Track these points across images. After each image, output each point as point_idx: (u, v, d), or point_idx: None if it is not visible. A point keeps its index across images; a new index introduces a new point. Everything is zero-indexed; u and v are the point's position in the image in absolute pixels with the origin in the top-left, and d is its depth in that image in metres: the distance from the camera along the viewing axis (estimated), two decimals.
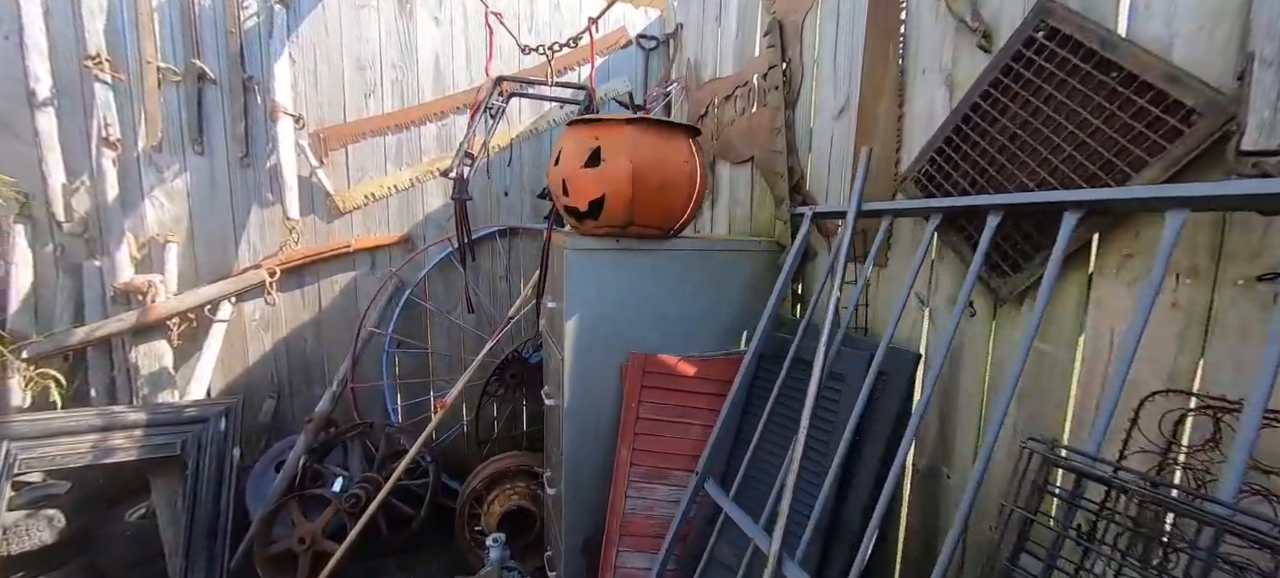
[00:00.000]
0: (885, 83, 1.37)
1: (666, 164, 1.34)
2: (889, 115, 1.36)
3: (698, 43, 2.40)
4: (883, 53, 1.37)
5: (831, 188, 1.58)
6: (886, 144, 1.36)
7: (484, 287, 2.57)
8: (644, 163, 1.30)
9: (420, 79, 2.40)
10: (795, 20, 1.71)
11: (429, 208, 2.47)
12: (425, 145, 2.44)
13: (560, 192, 1.40)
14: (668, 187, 1.35)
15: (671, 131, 1.38)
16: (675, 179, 1.36)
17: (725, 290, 1.65)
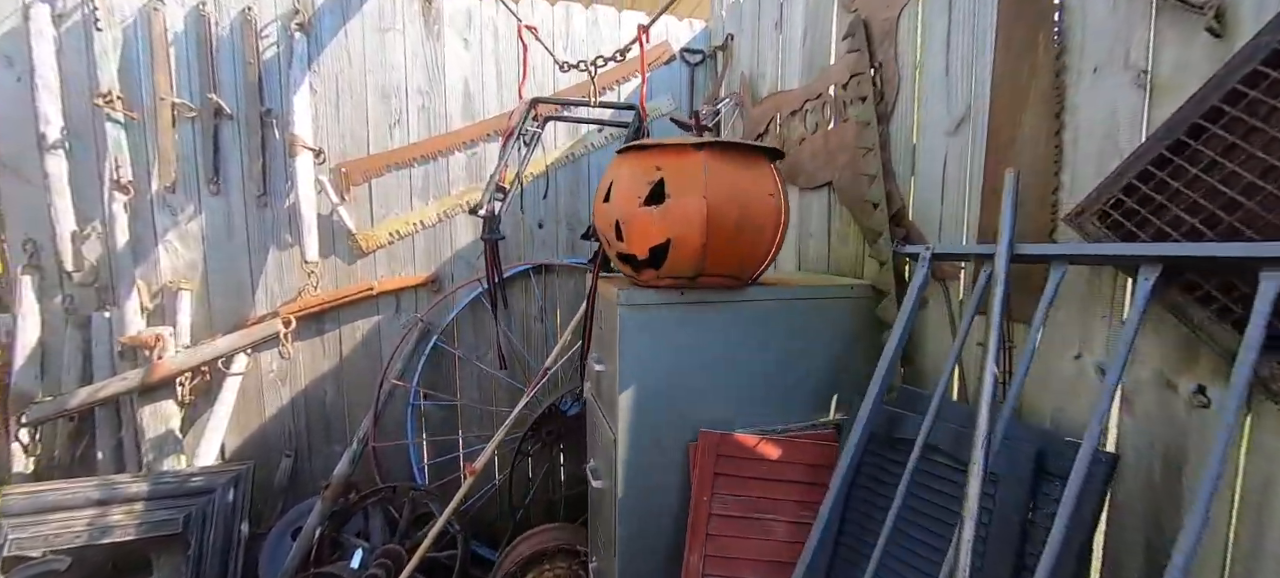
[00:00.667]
0: (1031, 86, 1.06)
1: (748, 198, 1.06)
2: (1038, 129, 1.04)
3: (753, 54, 2.13)
4: (1027, 47, 1.06)
5: (945, 219, 1.26)
6: (1037, 166, 1.04)
7: (516, 328, 2.33)
8: (721, 198, 1.02)
9: (448, 106, 2.20)
10: (886, 18, 1.41)
11: (458, 244, 2.25)
12: (454, 177, 2.23)
13: (612, 235, 1.13)
14: (749, 227, 1.06)
15: (753, 157, 1.10)
16: (758, 217, 1.07)
17: (809, 347, 1.34)
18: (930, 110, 1.29)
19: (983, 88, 1.16)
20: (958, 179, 1.23)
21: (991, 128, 1.14)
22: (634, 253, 1.09)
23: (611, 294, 1.21)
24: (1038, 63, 1.04)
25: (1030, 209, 1.05)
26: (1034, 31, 1.05)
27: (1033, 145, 1.05)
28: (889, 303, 1.32)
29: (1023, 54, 1.07)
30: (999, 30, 1.12)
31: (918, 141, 1.34)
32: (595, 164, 2.37)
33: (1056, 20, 1.01)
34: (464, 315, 2.26)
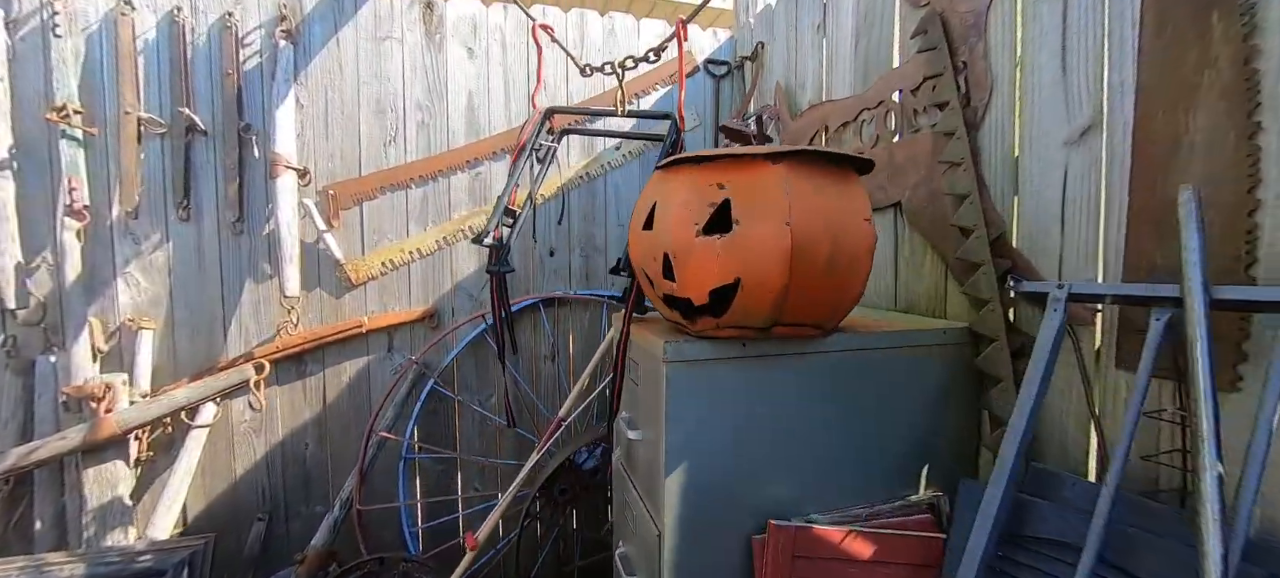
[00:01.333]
0: (1201, 79, 0.82)
1: (840, 225, 0.81)
2: (1219, 132, 0.80)
3: (788, 62, 1.92)
4: (1193, 31, 0.82)
5: (1067, 249, 1.01)
6: (1220, 181, 0.79)
7: (523, 369, 2.06)
8: (808, 225, 0.77)
9: (450, 121, 1.98)
10: (970, 11, 1.19)
11: (460, 275, 2.00)
12: (455, 199, 1.99)
13: (656, 271, 0.88)
14: (842, 261, 0.81)
15: (841, 172, 0.85)
16: (852, 248, 0.82)
17: (893, 407, 1.08)
18: (1039, 117, 1.06)
19: (1123, 88, 0.92)
20: (1084, 199, 0.98)
21: (1139, 135, 0.90)
22: (688, 296, 0.83)
23: (652, 346, 0.96)
24: (1212, 49, 0.81)
25: (1210, 235, 0.80)
26: (1204, 11, 0.82)
27: (1210, 154, 0.81)
28: (997, 353, 1.06)
29: (1186, 40, 0.83)
30: (1145, 14, 0.89)
31: (1022, 154, 1.09)
32: (613, 185, 2.14)
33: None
34: (465, 355, 1.99)
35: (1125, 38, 0.92)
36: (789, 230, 0.75)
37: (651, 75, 2.17)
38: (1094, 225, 0.97)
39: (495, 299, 1.31)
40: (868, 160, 0.87)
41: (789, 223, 0.75)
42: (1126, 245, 0.91)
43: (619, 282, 2.12)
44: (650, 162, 2.19)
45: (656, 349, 0.92)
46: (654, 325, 1.10)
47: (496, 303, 1.31)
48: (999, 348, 1.06)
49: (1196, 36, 0.82)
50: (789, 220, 0.75)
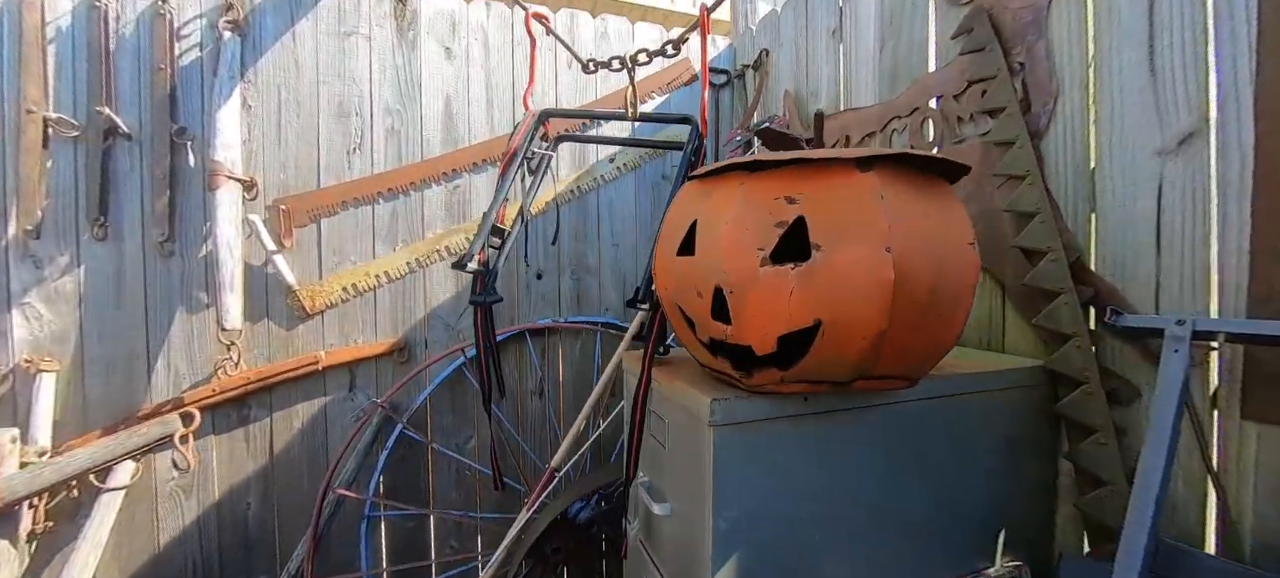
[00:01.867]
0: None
1: (942, 249, 0.63)
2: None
3: (798, 69, 1.78)
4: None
5: (1166, 275, 0.87)
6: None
7: (507, 408, 1.82)
8: (911, 252, 0.59)
9: (424, 128, 1.75)
10: (1026, 6, 1.06)
11: (434, 301, 1.76)
12: (430, 215, 1.76)
13: (701, 309, 0.68)
14: (945, 299, 0.63)
15: (935, 181, 0.68)
16: (957, 281, 0.64)
17: (964, 463, 0.91)
18: (1122, 123, 0.92)
19: (1237, 91, 0.79)
20: (1187, 218, 0.84)
21: (1265, 149, 0.76)
22: (749, 343, 0.64)
23: (690, 402, 0.76)
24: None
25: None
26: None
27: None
28: (1087, 399, 0.90)
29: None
30: (1264, 6, 0.76)
31: (1100, 165, 0.96)
32: (606, 200, 1.95)
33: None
34: (441, 394, 1.75)
35: (1239, 35, 0.78)
36: (890, 259, 0.57)
37: (647, 83, 2.00)
38: (1202, 249, 0.83)
39: (480, 335, 1.09)
40: (963, 165, 0.69)
41: (890, 248, 0.57)
42: (1252, 276, 0.77)
43: (615, 306, 1.91)
44: (648, 175, 2.01)
45: (698, 408, 0.72)
46: (681, 369, 0.90)
47: (482, 339, 1.09)
48: (1090, 393, 0.90)
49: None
50: (889, 245, 0.57)
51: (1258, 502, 0.78)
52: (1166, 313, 0.84)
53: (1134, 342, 0.88)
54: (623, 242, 1.97)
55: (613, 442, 1.91)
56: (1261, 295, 0.76)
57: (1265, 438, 0.77)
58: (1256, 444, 0.78)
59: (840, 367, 0.63)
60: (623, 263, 1.97)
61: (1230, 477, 0.80)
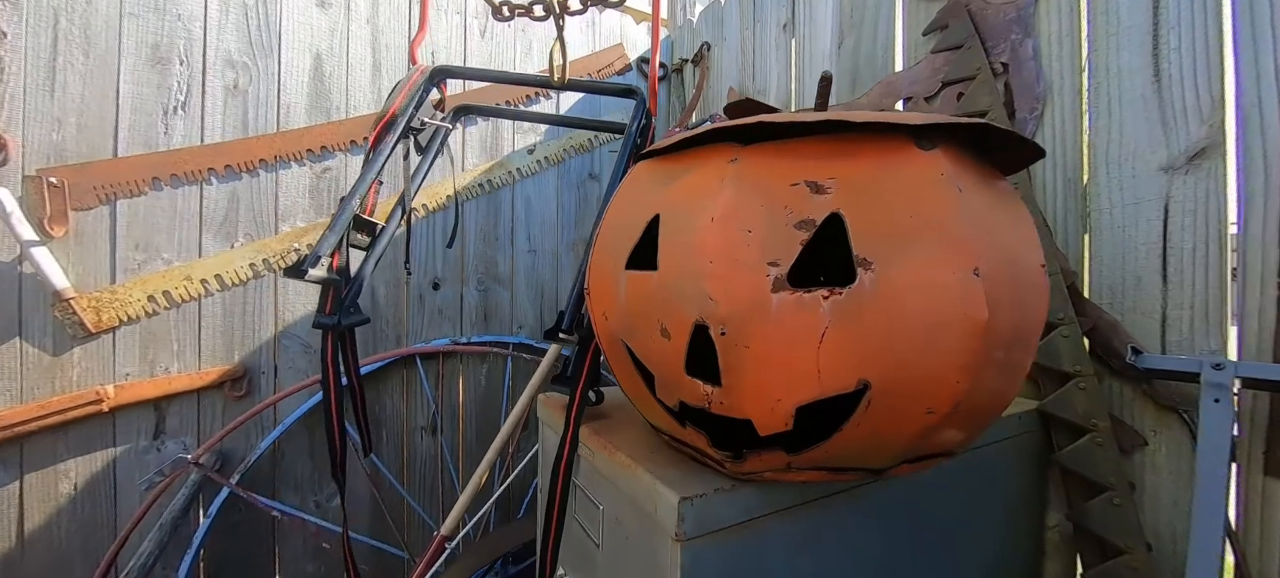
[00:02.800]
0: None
1: (1023, 273, 0.43)
2: None
3: (744, 64, 1.62)
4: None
5: (1173, 306, 0.76)
6: None
7: (391, 451, 1.45)
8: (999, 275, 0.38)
9: (285, 92, 1.35)
10: (1011, 2, 0.94)
11: (289, 317, 1.35)
12: (288, 204, 1.35)
13: (666, 354, 0.43)
14: (1022, 337, 0.43)
15: (997, 176, 0.48)
16: (1034, 313, 0.44)
17: (962, 531, 0.74)
18: (1121, 133, 0.82)
19: (1260, 104, 0.69)
20: (1198, 243, 0.74)
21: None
22: (748, 416, 0.40)
23: (645, 492, 0.50)
24: None
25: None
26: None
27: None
28: (1097, 450, 0.77)
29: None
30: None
31: (1094, 180, 0.85)
32: (522, 198, 1.65)
33: None
34: (294, 439, 1.34)
35: (1262, 44, 0.69)
36: (980, 287, 0.36)
37: (573, 69, 1.74)
38: (1218, 278, 0.73)
39: (331, 372, 0.75)
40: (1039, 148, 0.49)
41: (979, 271, 0.36)
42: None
43: (532, 323, 1.62)
44: (573, 171, 1.74)
45: (658, 507, 0.47)
46: (625, 429, 0.65)
47: (333, 379, 0.76)
48: (1100, 443, 0.77)
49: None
50: (978, 265, 0.36)
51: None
52: (1200, 354, 0.72)
53: (1130, 381, 0.76)
54: (542, 247, 1.68)
55: (525, 488, 1.60)
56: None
57: None
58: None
59: (885, 449, 0.41)
60: (541, 272, 1.67)
61: (1251, 539, 0.69)
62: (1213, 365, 0.64)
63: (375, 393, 1.41)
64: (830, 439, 0.40)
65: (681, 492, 0.45)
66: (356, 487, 1.39)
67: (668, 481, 0.47)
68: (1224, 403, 0.62)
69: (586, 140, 1.76)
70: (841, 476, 0.45)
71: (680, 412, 0.46)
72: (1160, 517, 0.76)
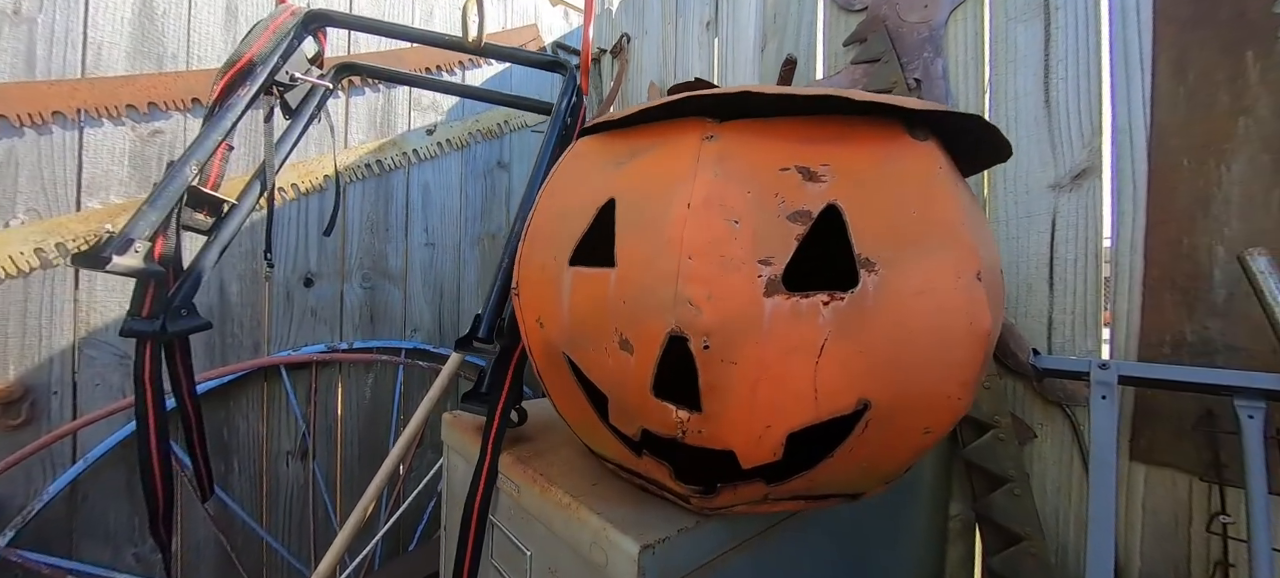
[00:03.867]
0: (1233, 127, 0.70)
1: (999, 276, 0.41)
2: (1260, 190, 0.68)
3: (665, 59, 1.58)
4: (1221, 72, 0.70)
5: (1058, 311, 0.84)
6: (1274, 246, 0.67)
7: (243, 481, 1.19)
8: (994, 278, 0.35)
9: (93, 28, 1.05)
10: (923, 22, 1.00)
11: (97, 319, 1.05)
12: (97, 173, 1.05)
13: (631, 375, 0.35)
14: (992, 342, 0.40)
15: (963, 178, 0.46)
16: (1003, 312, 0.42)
17: (888, 532, 0.75)
18: (1016, 153, 0.88)
19: (1131, 130, 0.78)
20: (1080, 254, 0.82)
21: (1157, 187, 0.75)
22: (732, 446, 0.33)
23: (590, 540, 0.41)
24: (1249, 94, 0.69)
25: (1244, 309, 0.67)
26: (1235, 51, 0.70)
27: (1250, 213, 0.69)
28: (999, 445, 0.82)
29: (1213, 83, 0.72)
30: (1159, 52, 0.76)
31: (993, 195, 0.91)
32: (419, 184, 1.45)
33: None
34: (101, 478, 1.04)
35: (1132, 77, 0.78)
36: (984, 292, 0.32)
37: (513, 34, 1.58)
38: (1095, 286, 0.81)
39: (149, 393, 0.56)
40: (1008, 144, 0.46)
41: (981, 275, 0.32)
42: (1144, 315, 0.76)
43: (428, 326, 1.44)
44: (480, 158, 1.58)
45: (610, 558, 0.38)
46: (554, 454, 0.55)
47: (152, 399, 0.56)
48: (1002, 438, 0.82)
49: (1227, 79, 0.71)
50: (980, 268, 0.32)
51: (1145, 544, 0.76)
52: (1085, 355, 0.79)
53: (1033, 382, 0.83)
54: (442, 240, 1.50)
55: (420, 512, 1.41)
56: (1154, 336, 0.75)
57: (1153, 481, 0.76)
58: (1145, 487, 0.76)
59: (875, 474, 0.37)
60: (442, 269, 1.49)
61: (1119, 520, 0.78)
62: (1099, 365, 0.70)
63: (224, 413, 1.14)
64: (818, 467, 0.35)
65: (641, 537, 0.37)
66: (196, 534, 1.11)
67: (621, 523, 0.39)
68: (1110, 399, 0.69)
69: (495, 125, 1.61)
70: (820, 503, 0.40)
71: (639, 441, 0.38)
72: (1046, 502, 0.84)
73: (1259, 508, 0.58)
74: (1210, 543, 0.71)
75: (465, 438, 0.61)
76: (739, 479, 0.36)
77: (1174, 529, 0.74)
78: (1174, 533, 0.74)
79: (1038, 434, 0.84)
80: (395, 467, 1.02)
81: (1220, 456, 0.70)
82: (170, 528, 0.60)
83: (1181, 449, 0.73)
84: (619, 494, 0.44)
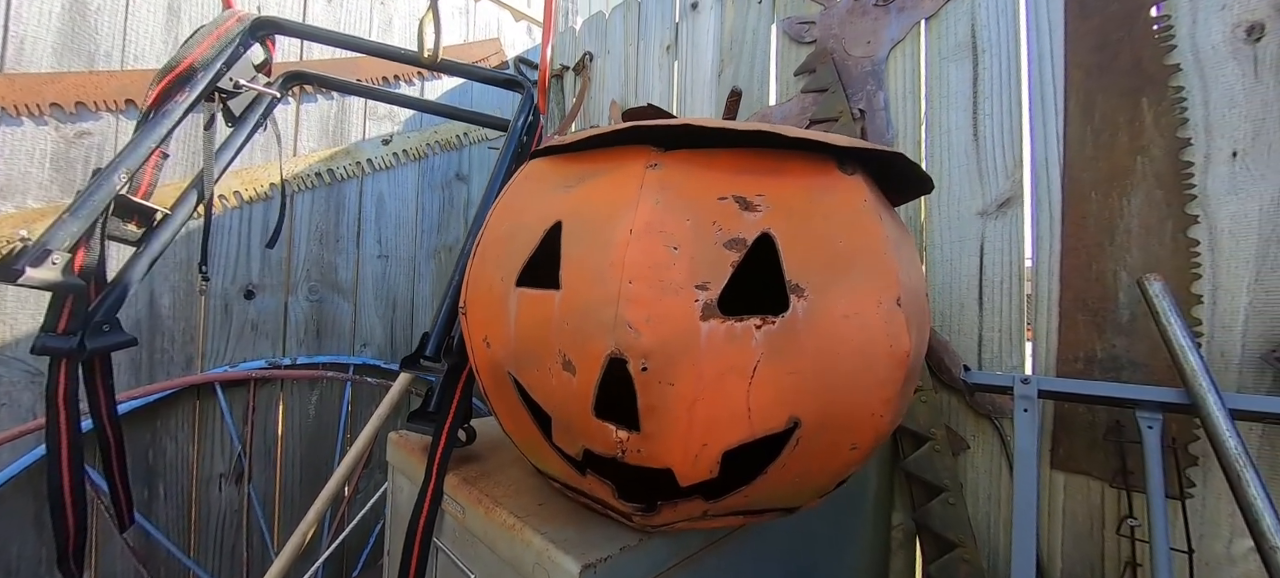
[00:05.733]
0: (1133, 165, 0.78)
1: (924, 302, 0.44)
2: (1153, 219, 0.76)
3: (627, 80, 1.61)
4: (1122, 116, 0.78)
5: (987, 329, 0.90)
6: (1165, 271, 0.74)
7: (170, 506, 1.11)
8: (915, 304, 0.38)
9: (13, 18, 0.98)
10: (865, 57, 1.06)
11: (6, 334, 0.97)
12: (12, 176, 0.98)
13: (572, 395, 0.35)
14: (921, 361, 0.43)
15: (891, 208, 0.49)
16: (927, 335, 0.45)
17: (833, 541, 0.78)
18: (949, 182, 0.95)
19: (1047, 163, 0.85)
20: (1005, 277, 0.89)
21: (1069, 216, 0.83)
22: (670, 465, 0.34)
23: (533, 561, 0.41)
24: (1144, 135, 0.77)
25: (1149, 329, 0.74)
26: (1132, 97, 0.78)
27: (1147, 241, 0.76)
28: (935, 456, 0.87)
29: (1115, 124, 0.79)
30: (1070, 94, 0.84)
31: (928, 220, 0.97)
32: (374, 195, 1.42)
33: (1173, 86, 0.75)
34: (9, 504, 0.95)
35: (1048, 115, 0.85)
36: (902, 317, 0.35)
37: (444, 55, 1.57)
38: (1018, 306, 0.87)
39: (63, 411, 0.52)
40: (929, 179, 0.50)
41: (900, 301, 0.35)
42: (1060, 334, 0.82)
43: (380, 341, 1.39)
44: (438, 170, 1.55)
45: (552, 575, 0.38)
46: (500, 474, 0.54)
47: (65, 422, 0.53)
48: (938, 450, 0.87)
49: (1126, 121, 0.79)
50: (899, 294, 0.35)
51: (1065, 546, 0.82)
52: (1010, 371, 0.85)
53: (966, 396, 0.88)
54: (396, 253, 1.46)
55: (365, 537, 1.35)
56: (1069, 353, 0.81)
57: (1071, 487, 0.82)
58: (1064, 493, 0.82)
59: (807, 488, 0.39)
60: (395, 282, 1.45)
61: (1041, 524, 0.83)
62: (1021, 380, 0.75)
63: (149, 435, 1.07)
64: (753, 483, 0.36)
65: (582, 557, 0.37)
66: (112, 567, 1.03)
67: (563, 543, 0.39)
68: (1032, 412, 0.74)
69: (455, 137, 1.59)
70: (758, 517, 0.42)
71: (582, 460, 0.39)
72: (979, 510, 0.88)
73: (1158, 511, 0.64)
74: (1120, 545, 0.77)
75: (411, 459, 0.59)
76: (678, 497, 0.37)
77: (1089, 532, 0.80)
78: (1089, 535, 0.80)
79: (970, 445, 0.89)
80: (339, 487, 0.98)
81: (1127, 463, 0.76)
82: (81, 563, 0.56)
83: (1094, 458, 0.79)
84: (564, 514, 0.45)
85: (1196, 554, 0.71)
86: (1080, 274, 0.81)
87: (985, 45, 0.93)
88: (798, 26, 1.16)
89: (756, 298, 0.43)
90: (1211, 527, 0.72)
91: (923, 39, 1.00)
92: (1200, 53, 0.74)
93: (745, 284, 0.40)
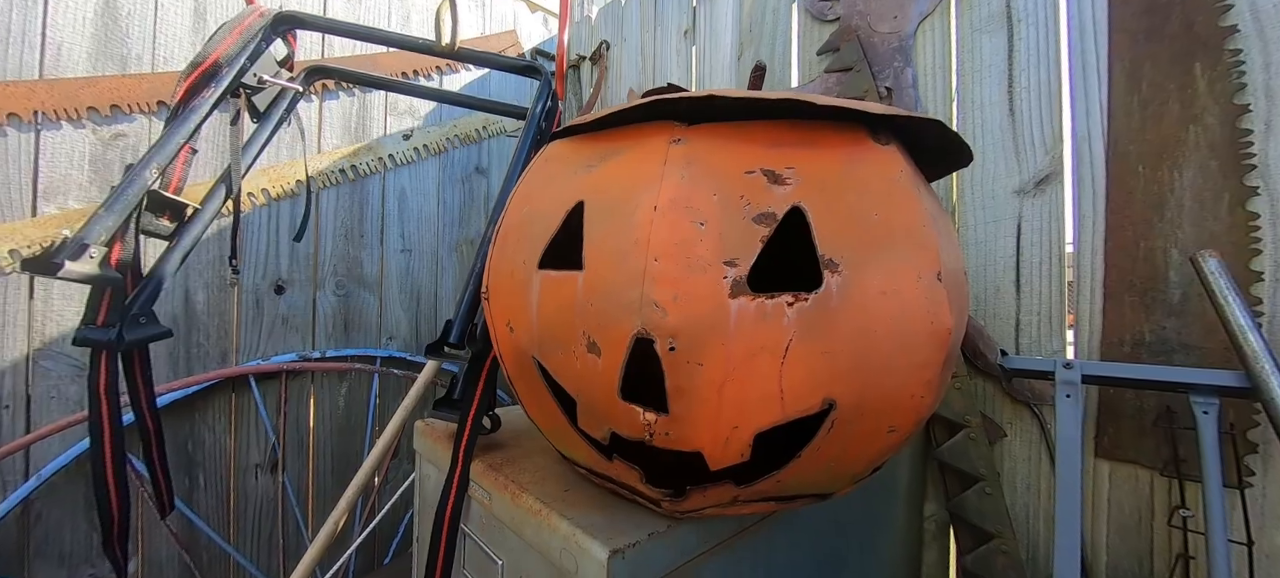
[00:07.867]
0: (1185, 135, 0.73)
1: (962, 277, 0.42)
2: (1207, 191, 0.71)
3: (645, 66, 1.59)
4: (1172, 83, 0.73)
5: (1025, 313, 0.86)
6: (1221, 247, 0.70)
7: (210, 495, 1.15)
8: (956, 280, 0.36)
9: (51, 27, 1.02)
10: (893, 33, 1.02)
11: (51, 328, 1.01)
12: (55, 178, 1.02)
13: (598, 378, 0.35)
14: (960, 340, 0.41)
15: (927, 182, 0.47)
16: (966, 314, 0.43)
17: (868, 530, 0.76)
18: (983, 160, 0.91)
19: (1090, 138, 0.80)
20: (1045, 257, 0.85)
21: (1114, 192, 0.78)
22: (700, 448, 0.33)
23: (559, 546, 0.41)
24: (1197, 103, 0.72)
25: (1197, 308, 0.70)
26: (1184, 63, 0.74)
27: (1201, 216, 0.72)
28: (970, 445, 0.84)
29: (1165, 93, 0.75)
30: (1114, 64, 0.79)
31: (961, 201, 0.93)
32: (396, 189, 1.43)
33: (1233, 50, 0.70)
34: (59, 492, 0.99)
35: (1090, 87, 0.81)
36: (944, 295, 0.33)
37: None
38: (1059, 288, 0.83)
39: (105, 402, 0.54)
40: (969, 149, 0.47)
41: (941, 276, 0.33)
42: (1105, 316, 0.78)
43: (405, 334, 1.41)
44: (458, 163, 1.56)
45: (583, 565, 0.38)
46: (525, 462, 0.54)
47: (108, 412, 0.54)
48: (973, 438, 0.84)
49: (1177, 89, 0.74)
50: (940, 270, 0.33)
51: (1110, 538, 0.78)
52: (1051, 355, 0.82)
53: (1002, 382, 0.85)
54: (419, 246, 1.48)
55: (395, 526, 1.38)
56: (1114, 335, 0.78)
57: (1117, 477, 0.78)
58: (1109, 483, 0.78)
59: (843, 473, 0.37)
60: (418, 276, 1.47)
61: (1085, 515, 0.80)
62: (1063, 365, 0.72)
63: (189, 426, 1.11)
64: (786, 467, 0.35)
65: (611, 543, 0.37)
66: (158, 552, 1.07)
67: (591, 528, 0.39)
68: (1074, 398, 0.71)
69: (474, 130, 1.60)
70: (790, 504, 0.40)
71: (609, 444, 0.38)
72: (1017, 500, 0.85)
73: (1215, 501, 0.61)
74: (1171, 536, 0.74)
75: (437, 446, 0.60)
76: (708, 482, 0.36)
77: (1137, 524, 0.76)
78: (1137, 527, 0.77)
79: (1007, 433, 0.86)
80: (370, 477, 0.99)
81: (1179, 451, 0.72)
82: (126, 546, 0.58)
83: (1143, 445, 0.75)
84: (590, 500, 0.44)
85: (1256, 546, 0.67)
86: (1126, 253, 0.77)
87: (1021, 14, 0.88)
88: (820, 4, 1.13)
89: (787, 275, 0.41)
90: (1273, 517, 0.67)
91: (953, 10, 0.96)
92: (1260, 13, 0.69)
93: (776, 261, 0.38)
